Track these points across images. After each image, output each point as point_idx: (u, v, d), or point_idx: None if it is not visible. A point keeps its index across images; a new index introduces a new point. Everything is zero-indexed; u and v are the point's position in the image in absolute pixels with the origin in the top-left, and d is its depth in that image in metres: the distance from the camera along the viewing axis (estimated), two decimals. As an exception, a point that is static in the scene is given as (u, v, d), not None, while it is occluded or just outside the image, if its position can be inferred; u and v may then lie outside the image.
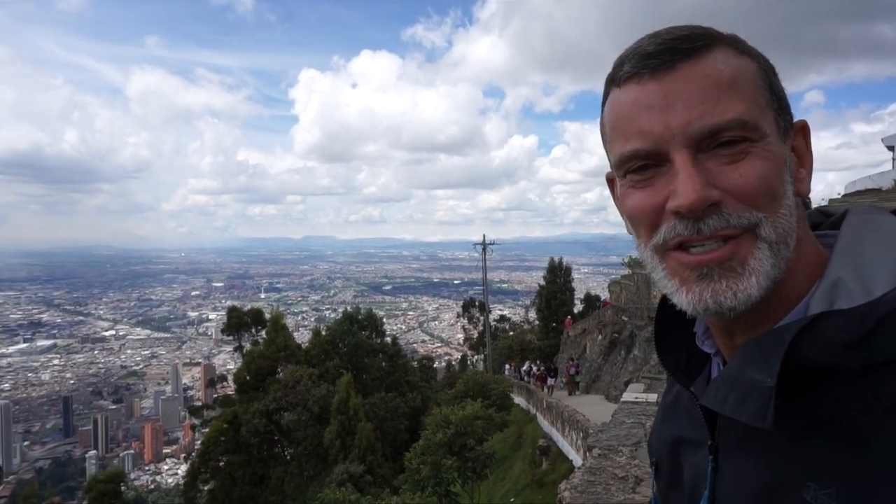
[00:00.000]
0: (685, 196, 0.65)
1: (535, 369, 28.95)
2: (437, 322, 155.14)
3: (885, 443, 0.57)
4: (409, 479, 13.71)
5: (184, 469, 47.50)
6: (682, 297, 0.70)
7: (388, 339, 38.40)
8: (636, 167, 0.71)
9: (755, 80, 0.70)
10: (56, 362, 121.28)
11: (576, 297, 46.05)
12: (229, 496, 28.53)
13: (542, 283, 45.38)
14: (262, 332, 35.49)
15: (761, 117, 0.68)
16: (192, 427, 46.26)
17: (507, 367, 36.79)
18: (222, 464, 29.77)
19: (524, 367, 32.45)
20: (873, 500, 0.56)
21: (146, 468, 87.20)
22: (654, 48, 0.70)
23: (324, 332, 36.48)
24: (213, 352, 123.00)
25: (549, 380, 25.06)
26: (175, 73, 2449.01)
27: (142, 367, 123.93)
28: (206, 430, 32.53)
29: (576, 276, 49.85)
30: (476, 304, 55.43)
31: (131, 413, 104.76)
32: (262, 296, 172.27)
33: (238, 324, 36.70)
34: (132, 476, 70.61)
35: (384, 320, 42.48)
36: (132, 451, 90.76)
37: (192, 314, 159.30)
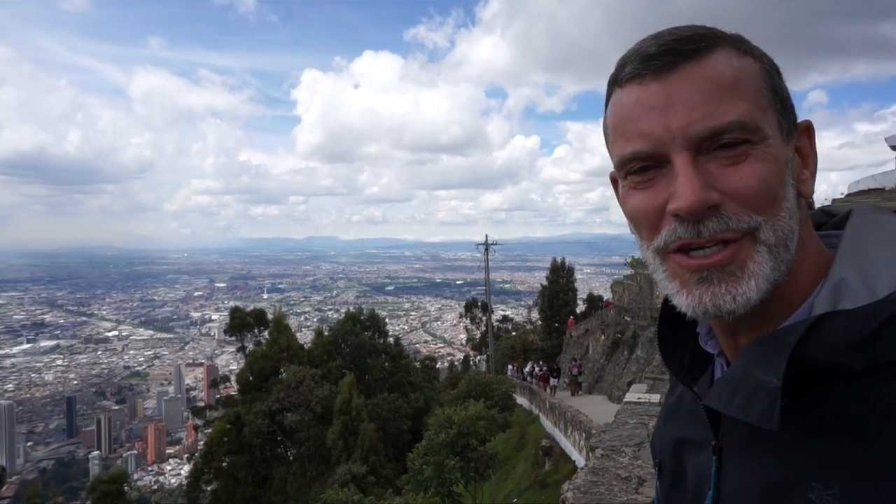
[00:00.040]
0: (684, 198, 0.66)
1: (537, 370, 28.96)
2: (439, 322, 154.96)
3: (890, 443, 0.57)
4: (412, 480, 13.72)
5: (187, 469, 47.68)
6: (682, 300, 0.71)
7: (391, 340, 38.33)
8: (637, 168, 0.72)
9: (757, 81, 0.69)
10: (59, 363, 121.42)
11: (578, 297, 45.90)
12: (232, 497, 28.56)
13: (545, 283, 45.33)
14: (265, 333, 35.47)
15: (762, 119, 0.68)
16: (195, 427, 46.26)
17: (510, 367, 36.74)
18: (225, 464, 29.80)
19: (527, 367, 32.44)
20: (878, 500, 0.56)
21: (149, 469, 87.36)
22: (655, 49, 0.70)
23: (326, 333, 36.53)
24: (215, 352, 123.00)
25: (551, 380, 25.05)
26: (178, 73, 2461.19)
27: (145, 367, 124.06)
28: (209, 430, 32.59)
29: (578, 276, 49.72)
30: (478, 304, 55.44)
31: (134, 413, 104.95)
32: (265, 296, 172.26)
33: (241, 324, 36.70)
34: (135, 476, 70.72)
35: (387, 321, 42.46)
36: (135, 452, 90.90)
37: (195, 315, 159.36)
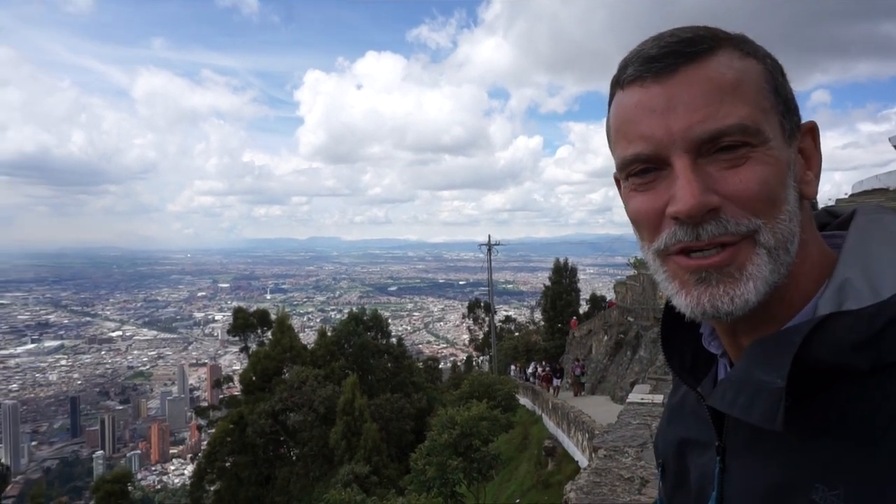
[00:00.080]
0: (683, 202, 0.66)
1: (540, 370, 28.95)
2: (442, 323, 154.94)
3: (894, 444, 0.57)
4: (415, 480, 13.72)
5: (190, 469, 47.73)
6: (681, 300, 0.71)
7: (394, 340, 38.34)
8: (638, 171, 0.72)
9: (759, 83, 0.69)
10: (63, 363, 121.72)
11: (581, 297, 45.80)
12: (235, 496, 28.60)
13: (548, 283, 45.29)
14: (268, 333, 35.51)
15: (764, 121, 0.67)
16: (199, 427, 46.40)
17: (513, 367, 36.72)
18: (228, 464, 29.86)
19: (530, 367, 32.43)
20: (882, 501, 0.56)
21: (153, 468, 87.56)
22: (657, 51, 0.70)
23: (329, 333, 36.55)
24: (219, 352, 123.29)
25: (554, 381, 25.05)
26: (181, 74, 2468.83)
27: (148, 367, 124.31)
28: (213, 430, 32.68)
29: (581, 276, 49.56)
30: (481, 304, 55.36)
31: (138, 413, 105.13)
32: (268, 297, 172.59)
33: (244, 325, 36.77)
34: (139, 476, 70.74)
35: (389, 321, 42.46)
36: (139, 452, 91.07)
37: (199, 315, 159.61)
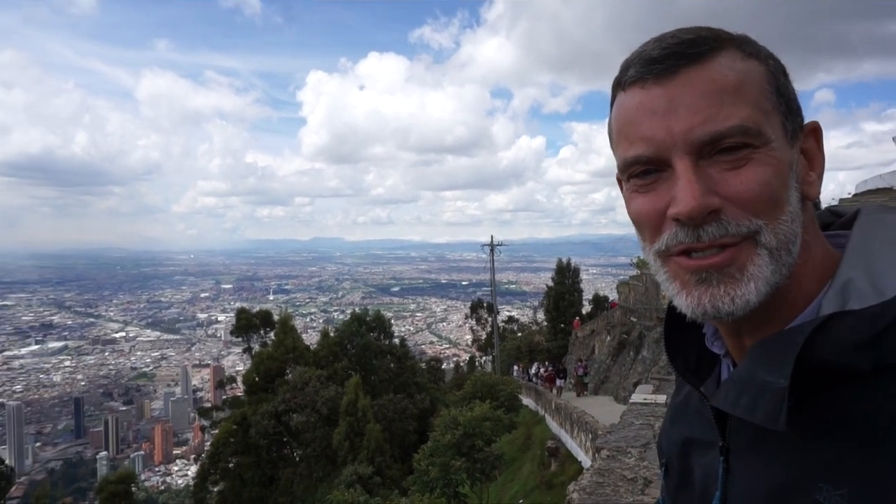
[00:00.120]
0: (684, 203, 0.66)
1: (543, 370, 28.96)
2: (445, 323, 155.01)
3: None
4: (418, 481, 13.73)
5: (193, 470, 47.73)
6: (682, 301, 0.71)
7: (397, 341, 38.35)
8: (639, 172, 0.72)
9: (761, 84, 0.69)
10: (67, 364, 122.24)
11: (584, 297, 45.76)
12: (239, 497, 28.63)
13: (551, 283, 45.18)
14: (271, 334, 35.52)
15: (765, 122, 0.68)
16: (202, 428, 46.50)
17: (516, 368, 36.73)
18: (232, 465, 29.88)
19: (532, 368, 32.43)
20: (885, 500, 0.56)
21: (156, 469, 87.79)
22: (658, 53, 0.70)
23: (332, 334, 36.54)
24: (222, 353, 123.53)
25: (557, 381, 25.06)
26: (184, 75, 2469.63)
27: (152, 368, 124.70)
28: (216, 431, 32.66)
29: (584, 276, 49.51)
30: (484, 305, 55.35)
31: (142, 414, 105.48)
32: (271, 297, 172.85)
33: (247, 325, 36.81)
34: (143, 477, 71.08)
35: (392, 322, 42.55)
36: (142, 452, 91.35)
37: (202, 316, 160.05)
